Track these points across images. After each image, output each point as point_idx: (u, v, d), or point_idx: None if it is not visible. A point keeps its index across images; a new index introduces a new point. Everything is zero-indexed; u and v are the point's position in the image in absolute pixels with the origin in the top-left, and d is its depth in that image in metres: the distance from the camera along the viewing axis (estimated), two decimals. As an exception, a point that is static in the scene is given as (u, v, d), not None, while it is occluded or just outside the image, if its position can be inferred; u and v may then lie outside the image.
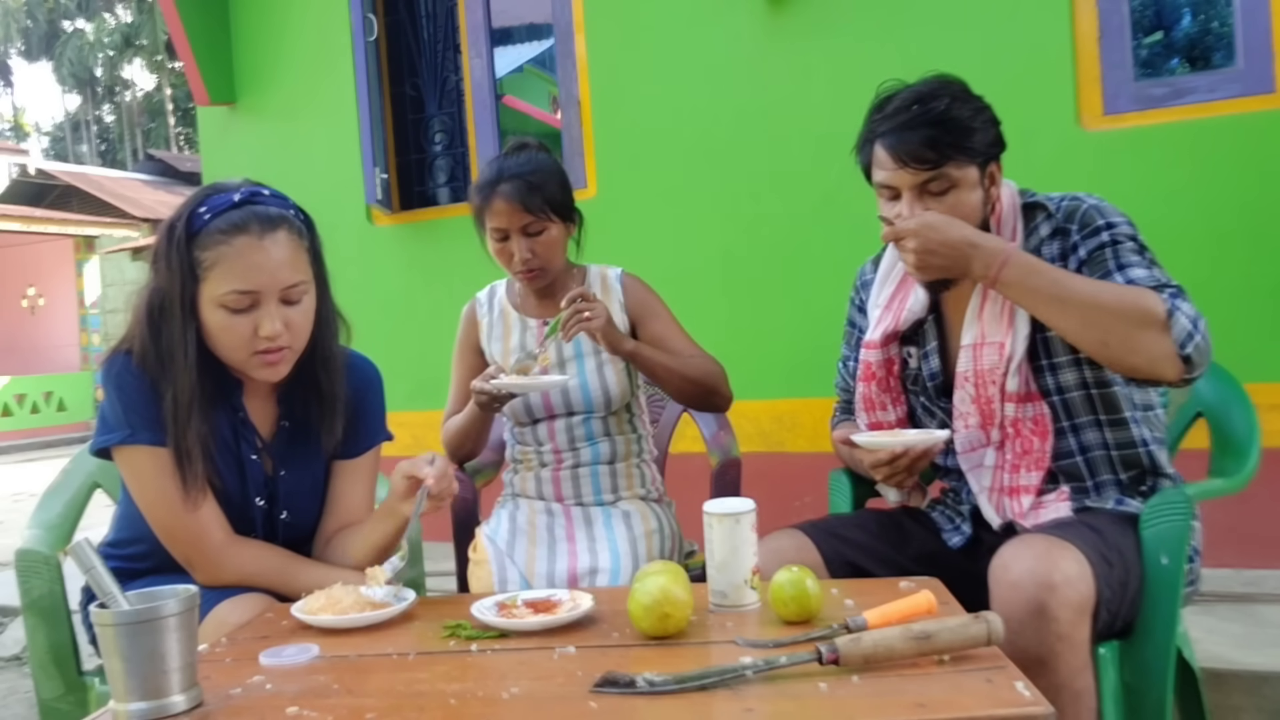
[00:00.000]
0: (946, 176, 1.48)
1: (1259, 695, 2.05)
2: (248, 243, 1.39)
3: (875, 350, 1.67)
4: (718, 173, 3.44)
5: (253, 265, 1.39)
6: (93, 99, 34.53)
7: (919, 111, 1.48)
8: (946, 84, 1.52)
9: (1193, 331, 1.36)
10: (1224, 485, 1.61)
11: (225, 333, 1.42)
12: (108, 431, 1.45)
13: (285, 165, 4.20)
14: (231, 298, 1.39)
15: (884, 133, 1.51)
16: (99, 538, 1.53)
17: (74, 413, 14.51)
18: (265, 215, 1.42)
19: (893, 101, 1.52)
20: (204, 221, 1.41)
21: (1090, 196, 1.53)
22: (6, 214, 14.37)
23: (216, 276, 1.39)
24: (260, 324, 1.41)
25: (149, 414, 1.43)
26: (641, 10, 3.56)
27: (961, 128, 1.47)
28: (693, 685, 0.98)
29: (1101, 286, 1.40)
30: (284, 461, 1.56)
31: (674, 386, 1.90)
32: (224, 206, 1.41)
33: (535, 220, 1.86)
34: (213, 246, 1.39)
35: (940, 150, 1.46)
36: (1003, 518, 1.55)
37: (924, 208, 1.48)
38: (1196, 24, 3.61)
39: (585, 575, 1.77)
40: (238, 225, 1.40)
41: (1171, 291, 1.40)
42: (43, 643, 1.68)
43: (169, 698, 1.01)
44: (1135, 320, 1.36)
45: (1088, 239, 1.49)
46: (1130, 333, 1.36)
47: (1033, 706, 0.89)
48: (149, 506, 1.46)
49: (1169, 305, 1.36)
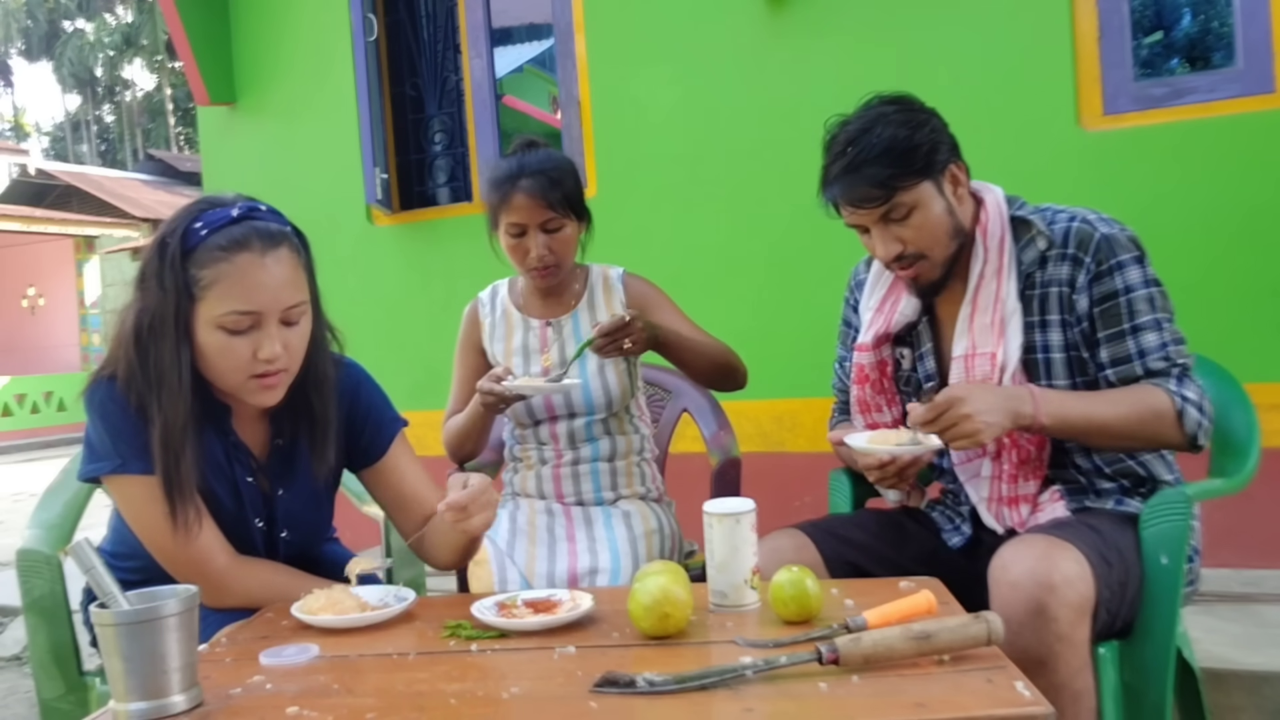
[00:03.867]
0: (900, 205, 1.49)
1: (1259, 695, 2.05)
2: (250, 260, 1.32)
3: (867, 353, 1.67)
4: (718, 172, 3.44)
5: (256, 284, 1.32)
6: (93, 99, 34.53)
7: (854, 154, 1.49)
8: (881, 111, 1.52)
9: (1200, 419, 1.43)
10: (1224, 485, 1.61)
11: (223, 355, 1.34)
12: (96, 460, 1.40)
13: (285, 165, 4.20)
14: (232, 318, 1.32)
15: (830, 182, 1.54)
16: (99, 537, 1.52)
17: (74, 413, 14.49)
18: (266, 231, 1.35)
19: (833, 147, 1.54)
20: (200, 237, 1.32)
21: (1100, 219, 1.51)
22: (7, 214, 14.38)
23: (215, 296, 1.32)
24: (260, 346, 1.34)
25: (137, 442, 1.36)
26: (641, 10, 3.55)
27: (900, 154, 1.48)
28: (693, 685, 0.98)
29: (1119, 406, 1.44)
30: (280, 480, 1.50)
31: (700, 369, 1.92)
32: (222, 222, 1.33)
33: (555, 217, 1.86)
34: (211, 264, 1.32)
35: (884, 185, 1.48)
36: (1003, 526, 1.56)
37: (893, 236, 1.51)
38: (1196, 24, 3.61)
39: (585, 575, 1.77)
40: (238, 241, 1.32)
41: (1178, 372, 1.46)
42: (44, 642, 1.68)
43: (169, 697, 1.01)
44: (1154, 426, 1.44)
45: (1102, 279, 1.48)
46: (1150, 436, 1.46)
47: (1032, 706, 0.89)
48: (147, 535, 1.41)
49: (1179, 404, 1.43)
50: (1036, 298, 1.53)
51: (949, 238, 1.53)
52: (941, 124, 1.54)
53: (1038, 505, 1.53)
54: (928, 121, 1.52)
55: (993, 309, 1.52)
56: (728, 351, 1.93)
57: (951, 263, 1.55)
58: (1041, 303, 1.52)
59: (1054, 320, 1.52)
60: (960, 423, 1.37)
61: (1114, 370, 1.48)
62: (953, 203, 1.52)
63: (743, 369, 1.95)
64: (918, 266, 1.54)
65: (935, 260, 1.53)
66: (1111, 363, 1.48)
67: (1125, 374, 1.47)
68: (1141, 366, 1.46)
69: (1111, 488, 1.54)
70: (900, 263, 1.54)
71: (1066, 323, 1.51)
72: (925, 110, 1.54)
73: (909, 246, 1.52)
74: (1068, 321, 1.51)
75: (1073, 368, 1.52)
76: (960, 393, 1.39)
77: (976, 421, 1.36)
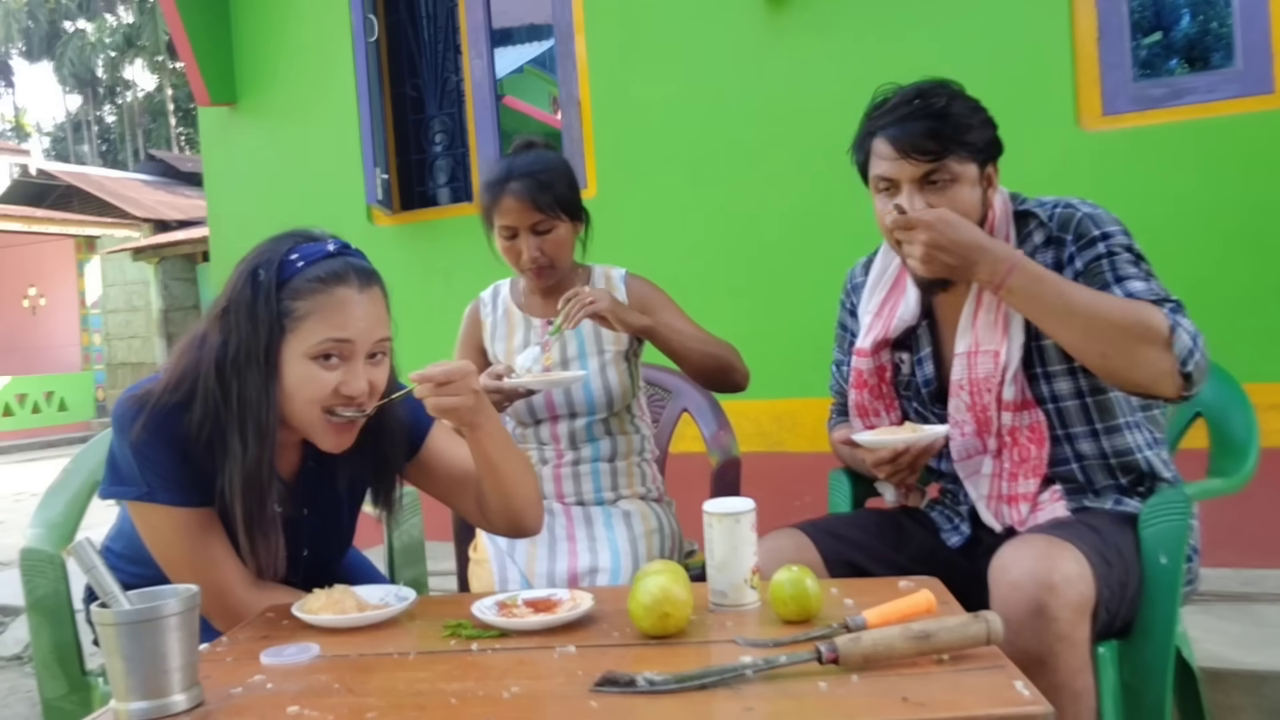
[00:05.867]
0: (948, 169, 1.48)
1: (1258, 695, 2.05)
2: (348, 294, 1.33)
3: (866, 358, 1.67)
4: (718, 173, 3.45)
5: (353, 316, 1.32)
6: (94, 99, 34.53)
7: (920, 105, 1.49)
8: (944, 84, 1.53)
9: (1193, 349, 1.36)
10: (1223, 485, 1.61)
11: (306, 385, 1.32)
12: (120, 484, 1.36)
13: (286, 165, 4.21)
14: (326, 345, 1.31)
15: (885, 125, 1.51)
16: (101, 537, 1.52)
17: (75, 413, 14.52)
18: (363, 269, 1.37)
19: (897, 97, 1.53)
20: (297, 269, 1.33)
21: (1084, 203, 1.53)
22: (8, 214, 14.37)
23: (310, 326, 1.31)
24: (346, 380, 1.33)
25: (174, 475, 1.34)
26: (641, 10, 3.56)
27: (962, 123, 1.48)
28: (693, 685, 0.99)
29: (1105, 299, 1.40)
30: (307, 502, 1.49)
31: (693, 363, 1.90)
32: (319, 256, 1.35)
33: (545, 219, 1.87)
34: (309, 295, 1.32)
35: (942, 142, 1.46)
36: (1002, 524, 1.56)
37: (924, 202, 1.47)
38: (1195, 24, 3.62)
39: (585, 575, 1.77)
40: (337, 275, 1.33)
41: (1171, 306, 1.40)
42: (46, 642, 1.68)
43: (170, 697, 1.01)
44: (1138, 334, 1.35)
45: (1084, 250, 1.48)
46: (1132, 347, 1.36)
47: (1032, 706, 0.89)
48: (167, 562, 1.39)
49: (1171, 321, 1.36)
50: None
51: None
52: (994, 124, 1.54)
53: (1037, 504, 1.53)
54: (984, 112, 1.53)
55: (996, 306, 1.52)
56: (728, 352, 1.92)
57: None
58: None
59: None
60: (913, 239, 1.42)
61: None
62: (983, 198, 1.53)
63: (742, 370, 1.94)
64: None
65: None
66: None
67: None
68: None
69: (1110, 487, 1.54)
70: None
71: None
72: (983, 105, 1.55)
73: None
74: None
75: (1068, 353, 1.51)
76: (936, 217, 1.42)
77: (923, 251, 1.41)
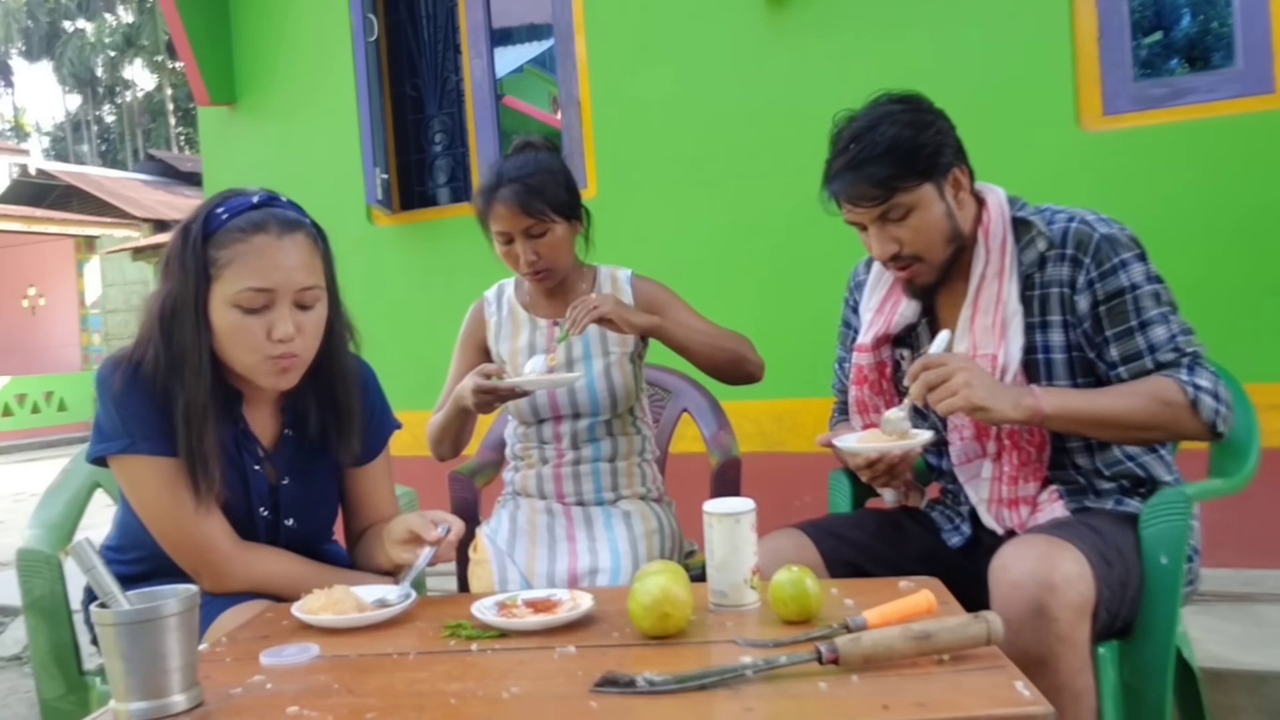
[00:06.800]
0: (899, 205, 1.49)
1: (1259, 695, 2.05)
2: (266, 241, 1.38)
3: (866, 354, 1.67)
4: (718, 173, 3.44)
5: (270, 263, 1.37)
6: (93, 99, 34.52)
7: (856, 151, 1.49)
8: (888, 109, 1.51)
9: (1218, 407, 1.42)
10: (1223, 485, 1.61)
11: (237, 333, 1.38)
12: (104, 440, 1.42)
13: (285, 165, 4.20)
14: (246, 295, 1.37)
15: (830, 178, 1.54)
16: (100, 537, 1.52)
17: (74, 413, 14.51)
18: (284, 218, 1.41)
19: (837, 143, 1.53)
20: (221, 221, 1.39)
21: (1098, 220, 1.51)
22: (7, 214, 14.37)
23: (231, 274, 1.37)
24: (273, 325, 1.38)
25: (152, 423, 1.40)
26: (641, 10, 3.56)
27: (903, 155, 1.47)
28: (693, 685, 0.98)
29: (1128, 398, 1.43)
30: (288, 470, 1.54)
31: (705, 357, 1.90)
32: (243, 207, 1.40)
33: (537, 223, 1.86)
34: (229, 244, 1.37)
35: (884, 184, 1.47)
36: (1004, 527, 1.56)
37: (890, 236, 1.51)
38: (1196, 24, 3.62)
39: (585, 575, 1.77)
40: (256, 224, 1.38)
41: (1189, 362, 1.44)
42: (44, 642, 1.68)
43: (169, 697, 1.01)
44: (1167, 418, 1.43)
45: (1105, 278, 1.48)
46: (1166, 428, 1.45)
47: (1032, 706, 0.89)
48: (151, 518, 1.44)
49: (1191, 393, 1.41)
50: (1036, 298, 1.53)
51: (946, 242, 1.53)
52: (948, 126, 1.53)
53: (1037, 506, 1.53)
54: (934, 123, 1.51)
55: (994, 310, 1.52)
56: (739, 344, 1.91)
57: (948, 266, 1.55)
58: (1042, 303, 1.52)
59: (1055, 321, 1.52)
60: (950, 378, 1.38)
61: (1125, 367, 1.48)
62: (953, 206, 1.52)
63: (756, 360, 1.93)
64: (914, 268, 1.54)
65: (931, 263, 1.54)
66: (1122, 360, 1.48)
67: (1137, 370, 1.47)
68: (1152, 361, 1.46)
69: (1111, 488, 1.54)
70: (896, 263, 1.54)
71: (1068, 323, 1.51)
72: (933, 111, 1.53)
73: (905, 248, 1.52)
74: (1069, 322, 1.51)
75: (1074, 368, 1.52)
76: (960, 361, 1.41)
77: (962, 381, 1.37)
